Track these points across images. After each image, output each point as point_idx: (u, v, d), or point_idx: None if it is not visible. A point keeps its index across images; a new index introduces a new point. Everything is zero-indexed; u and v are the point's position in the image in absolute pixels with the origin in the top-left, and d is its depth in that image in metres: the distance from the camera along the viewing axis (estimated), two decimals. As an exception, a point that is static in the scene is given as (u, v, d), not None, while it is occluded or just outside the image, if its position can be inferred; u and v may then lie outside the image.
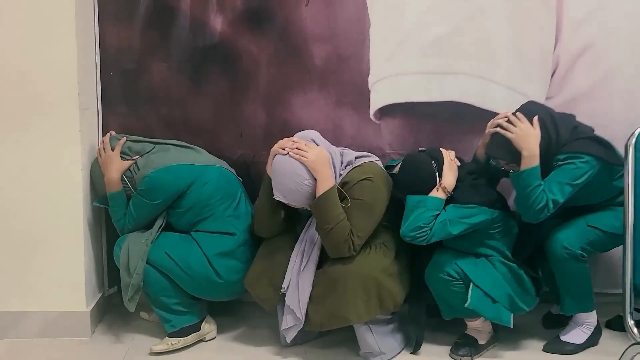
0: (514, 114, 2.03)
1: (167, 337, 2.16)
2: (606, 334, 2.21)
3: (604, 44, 2.40)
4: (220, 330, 2.28)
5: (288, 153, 1.97)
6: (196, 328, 2.19)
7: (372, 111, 2.45)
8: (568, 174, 1.97)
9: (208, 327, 2.23)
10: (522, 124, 1.98)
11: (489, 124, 2.11)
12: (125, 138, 2.24)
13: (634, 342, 1.36)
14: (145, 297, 2.15)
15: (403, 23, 2.41)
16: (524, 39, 2.41)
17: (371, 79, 2.43)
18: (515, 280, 2.05)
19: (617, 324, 2.22)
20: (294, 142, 2.00)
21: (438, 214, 1.98)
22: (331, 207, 1.95)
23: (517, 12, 2.40)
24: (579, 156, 1.97)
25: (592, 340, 2.15)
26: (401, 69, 2.43)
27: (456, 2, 2.40)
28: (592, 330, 2.15)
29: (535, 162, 1.96)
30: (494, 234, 2.05)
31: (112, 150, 2.20)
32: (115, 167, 2.17)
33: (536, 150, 1.96)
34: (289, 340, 2.10)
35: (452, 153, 2.11)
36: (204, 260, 2.11)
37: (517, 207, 2.03)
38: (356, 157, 2.10)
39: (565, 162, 1.98)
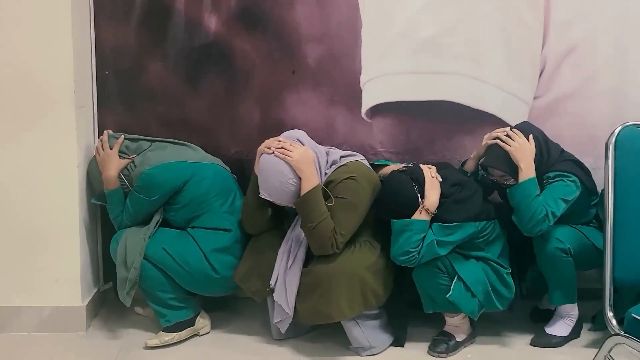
0: (511, 129, 2.11)
1: (161, 332, 2.20)
2: (587, 327, 2.27)
3: (590, 44, 2.45)
4: (214, 325, 2.31)
5: (273, 152, 2.01)
6: (191, 323, 2.23)
7: (363, 110, 2.49)
8: (561, 190, 2.06)
9: (202, 322, 2.27)
10: (520, 138, 2.07)
11: (486, 137, 2.16)
12: (123, 137, 2.27)
13: (613, 333, 1.41)
14: (140, 292, 2.18)
15: (394, 23, 2.45)
16: (513, 39, 2.46)
17: (363, 79, 2.47)
18: (497, 281, 2.09)
19: (600, 321, 2.28)
20: (279, 141, 2.04)
21: (425, 235, 2.00)
22: (315, 205, 1.99)
23: (507, 14, 2.44)
24: (568, 175, 2.09)
25: (575, 333, 2.23)
26: (393, 68, 2.47)
27: (447, 3, 2.44)
28: (575, 322, 2.22)
29: (532, 174, 2.04)
30: (478, 244, 2.08)
31: (110, 148, 2.23)
32: (114, 165, 2.20)
33: (532, 164, 2.06)
34: (283, 332, 2.14)
35: (433, 169, 2.11)
36: (201, 256, 2.15)
37: (518, 220, 2.05)
38: (341, 157, 2.14)
39: (555, 179, 2.09)
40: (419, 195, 2.03)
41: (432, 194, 2.03)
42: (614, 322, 1.44)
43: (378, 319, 2.16)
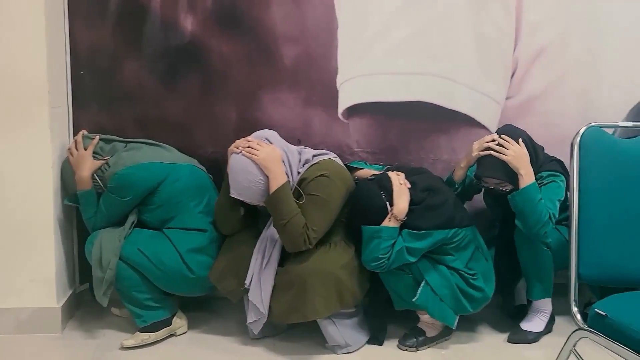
0: (499, 136, 2.10)
1: (138, 332, 2.19)
2: (558, 321, 2.32)
3: (560, 46, 2.50)
4: (191, 325, 2.32)
5: (241, 152, 2.02)
6: (167, 323, 2.23)
7: (340, 110, 2.52)
8: (554, 191, 2.11)
9: (179, 322, 2.27)
10: (513, 145, 2.08)
11: (475, 146, 2.14)
12: (98, 137, 2.26)
13: (577, 327, 1.45)
14: (116, 292, 2.18)
15: (370, 25, 2.47)
16: (485, 41, 2.50)
17: (339, 79, 2.49)
18: (465, 285, 2.11)
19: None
20: (247, 141, 2.06)
21: (395, 242, 2.02)
22: (284, 202, 2.01)
23: (479, 15, 2.48)
24: (558, 175, 2.14)
25: (548, 328, 2.28)
26: (369, 69, 2.49)
27: (421, 5, 2.47)
28: (549, 317, 2.27)
29: (533, 178, 2.06)
30: (448, 249, 2.10)
31: (85, 149, 2.22)
32: (87, 166, 2.19)
33: (531, 169, 2.07)
34: (256, 332, 2.15)
35: (402, 176, 2.11)
36: (177, 256, 2.15)
37: (523, 224, 2.07)
38: (314, 156, 2.16)
39: (548, 179, 2.13)
40: (387, 203, 2.04)
41: (400, 202, 2.05)
42: (578, 317, 1.48)
43: (354, 317, 2.18)
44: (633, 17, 2.53)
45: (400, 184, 2.08)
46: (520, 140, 2.11)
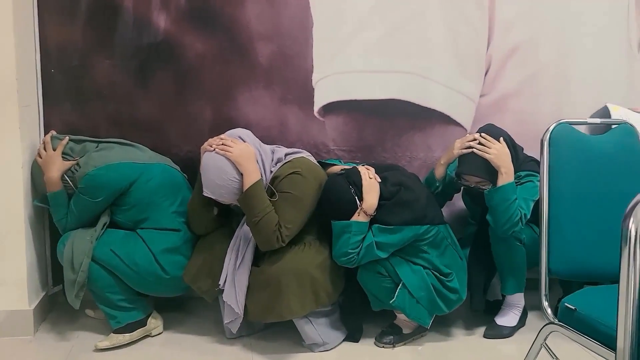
0: (480, 135, 2.13)
1: (112, 334, 2.17)
2: (532, 316, 2.36)
3: (532, 44, 2.54)
4: (167, 325, 2.30)
5: (214, 149, 2.01)
6: (142, 324, 2.21)
7: (316, 108, 2.52)
8: (530, 191, 2.13)
9: (154, 323, 2.25)
10: (495, 145, 2.10)
11: (457, 145, 2.16)
12: (67, 138, 2.23)
13: (548, 321, 1.48)
14: (90, 294, 2.15)
15: (345, 23, 2.48)
16: (459, 39, 2.52)
17: (315, 77, 2.49)
18: (441, 287, 2.12)
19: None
20: (220, 139, 2.04)
21: (364, 237, 2.03)
22: (257, 199, 2.00)
23: (453, 14, 2.51)
24: (535, 175, 2.15)
25: (522, 321, 2.31)
26: (344, 67, 2.50)
27: (396, 4, 2.48)
28: (522, 311, 2.30)
29: (512, 178, 2.09)
30: (421, 247, 2.10)
31: (54, 150, 2.18)
32: (56, 167, 2.15)
33: (512, 168, 2.10)
34: (234, 332, 2.14)
35: (372, 171, 2.10)
36: (150, 257, 2.13)
37: (494, 221, 2.10)
38: (286, 154, 2.16)
39: (525, 179, 2.16)
40: (356, 197, 2.05)
41: (370, 197, 2.05)
42: (549, 311, 1.50)
43: (330, 315, 2.19)
44: (603, 15, 2.58)
45: (370, 178, 2.07)
46: (501, 139, 2.13)
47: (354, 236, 2.01)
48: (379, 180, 2.10)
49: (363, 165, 2.15)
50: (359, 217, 2.04)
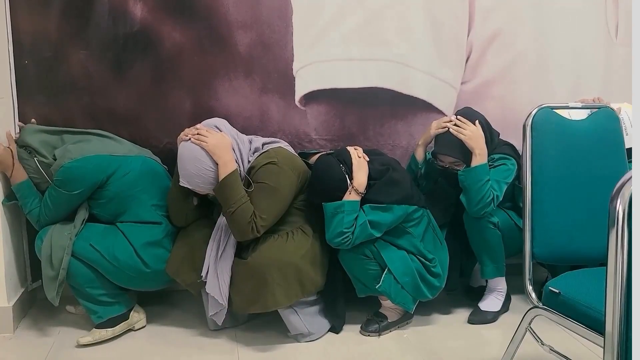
0: (457, 117, 2.17)
1: (94, 329, 2.14)
2: (516, 300, 2.38)
3: (511, 31, 2.55)
4: (150, 318, 2.27)
5: (190, 139, 1.98)
6: (124, 317, 2.18)
7: (297, 97, 2.49)
8: (503, 174, 2.17)
9: (137, 316, 2.22)
10: (470, 126, 2.14)
11: (434, 125, 2.23)
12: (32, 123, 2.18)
13: (532, 305, 1.49)
14: (70, 289, 2.11)
15: (324, 11, 2.45)
16: (440, 27, 2.51)
17: (295, 66, 2.47)
18: (425, 272, 2.14)
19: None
20: (196, 128, 2.02)
21: (357, 216, 2.03)
22: (232, 189, 1.98)
23: (433, 1, 2.50)
24: (509, 158, 2.21)
25: (505, 306, 2.33)
26: (324, 56, 2.48)
27: (376, -10, 2.47)
28: (504, 296, 2.33)
29: (485, 159, 2.13)
30: (407, 228, 2.11)
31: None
32: (7, 158, 2.09)
33: (485, 149, 2.14)
34: (220, 323, 2.13)
35: (360, 150, 2.14)
36: (131, 251, 2.09)
37: (467, 202, 2.14)
38: (264, 144, 2.14)
39: (499, 162, 2.20)
40: (347, 176, 2.05)
41: (360, 175, 2.07)
42: (533, 295, 1.52)
43: (316, 305, 2.18)
44: (581, 1, 2.59)
45: (358, 157, 2.10)
46: (477, 122, 2.17)
47: (348, 215, 2.01)
48: (367, 159, 2.12)
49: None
50: (350, 196, 2.05)
